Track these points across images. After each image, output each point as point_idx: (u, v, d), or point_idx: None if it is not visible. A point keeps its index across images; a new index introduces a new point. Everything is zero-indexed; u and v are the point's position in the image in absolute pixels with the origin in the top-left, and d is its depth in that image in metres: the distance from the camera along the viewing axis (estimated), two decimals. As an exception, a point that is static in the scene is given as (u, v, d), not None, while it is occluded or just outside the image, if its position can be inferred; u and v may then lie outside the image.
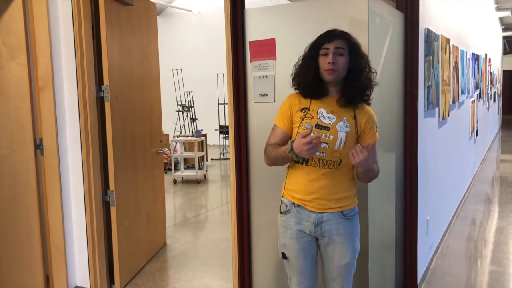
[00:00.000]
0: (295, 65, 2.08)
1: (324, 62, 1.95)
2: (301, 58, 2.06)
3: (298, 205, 2.06)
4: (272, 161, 2.08)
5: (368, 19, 2.31)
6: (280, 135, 2.07)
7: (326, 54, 1.95)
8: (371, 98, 2.06)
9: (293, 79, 2.08)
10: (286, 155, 1.94)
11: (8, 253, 3.12)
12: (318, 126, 1.99)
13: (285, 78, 2.10)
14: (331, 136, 1.98)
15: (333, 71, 1.94)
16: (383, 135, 2.59)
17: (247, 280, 2.89)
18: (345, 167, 2.02)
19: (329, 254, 2.07)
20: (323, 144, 1.98)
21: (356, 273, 2.14)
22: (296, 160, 2.02)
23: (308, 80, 2.00)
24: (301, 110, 2.03)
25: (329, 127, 1.98)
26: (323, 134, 1.98)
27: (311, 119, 2.00)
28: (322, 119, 2.00)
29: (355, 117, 2.01)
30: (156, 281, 3.53)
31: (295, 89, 2.09)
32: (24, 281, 3.11)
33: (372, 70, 2.03)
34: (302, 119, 2.01)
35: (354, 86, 1.98)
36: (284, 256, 2.13)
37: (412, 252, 3.07)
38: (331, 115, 2.00)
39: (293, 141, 1.91)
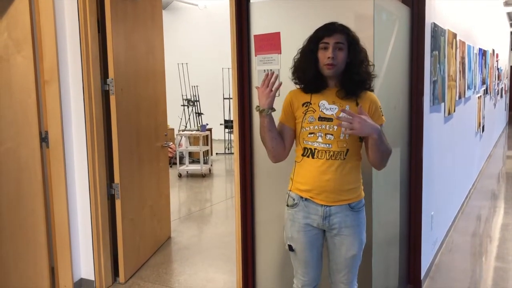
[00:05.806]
0: (294, 59, 2.09)
1: (324, 57, 1.96)
2: (299, 51, 2.06)
3: (306, 199, 2.06)
4: (263, 141, 2.11)
5: (373, 14, 2.30)
6: (279, 126, 2.10)
7: (325, 48, 1.96)
8: (372, 86, 2.06)
9: (293, 73, 2.08)
10: (263, 123, 2.01)
11: (14, 246, 3.14)
12: (321, 119, 2.00)
13: (290, 72, 2.11)
14: (335, 127, 1.98)
15: (333, 66, 1.95)
16: (388, 130, 2.58)
17: (251, 274, 2.90)
18: (352, 156, 2.03)
19: (337, 246, 2.08)
20: (328, 136, 1.99)
21: (359, 267, 2.15)
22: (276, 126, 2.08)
23: (308, 74, 2.00)
24: (303, 105, 2.05)
25: (332, 118, 1.99)
26: (327, 125, 1.99)
27: (314, 112, 2.01)
28: (324, 111, 2.01)
29: (357, 104, 2.00)
30: (160, 274, 3.55)
31: (295, 83, 2.09)
32: (29, 273, 3.14)
33: (370, 63, 2.03)
34: (305, 113, 2.01)
35: (353, 79, 1.98)
36: (290, 248, 2.14)
37: (416, 247, 3.06)
38: (333, 106, 2.01)
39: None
